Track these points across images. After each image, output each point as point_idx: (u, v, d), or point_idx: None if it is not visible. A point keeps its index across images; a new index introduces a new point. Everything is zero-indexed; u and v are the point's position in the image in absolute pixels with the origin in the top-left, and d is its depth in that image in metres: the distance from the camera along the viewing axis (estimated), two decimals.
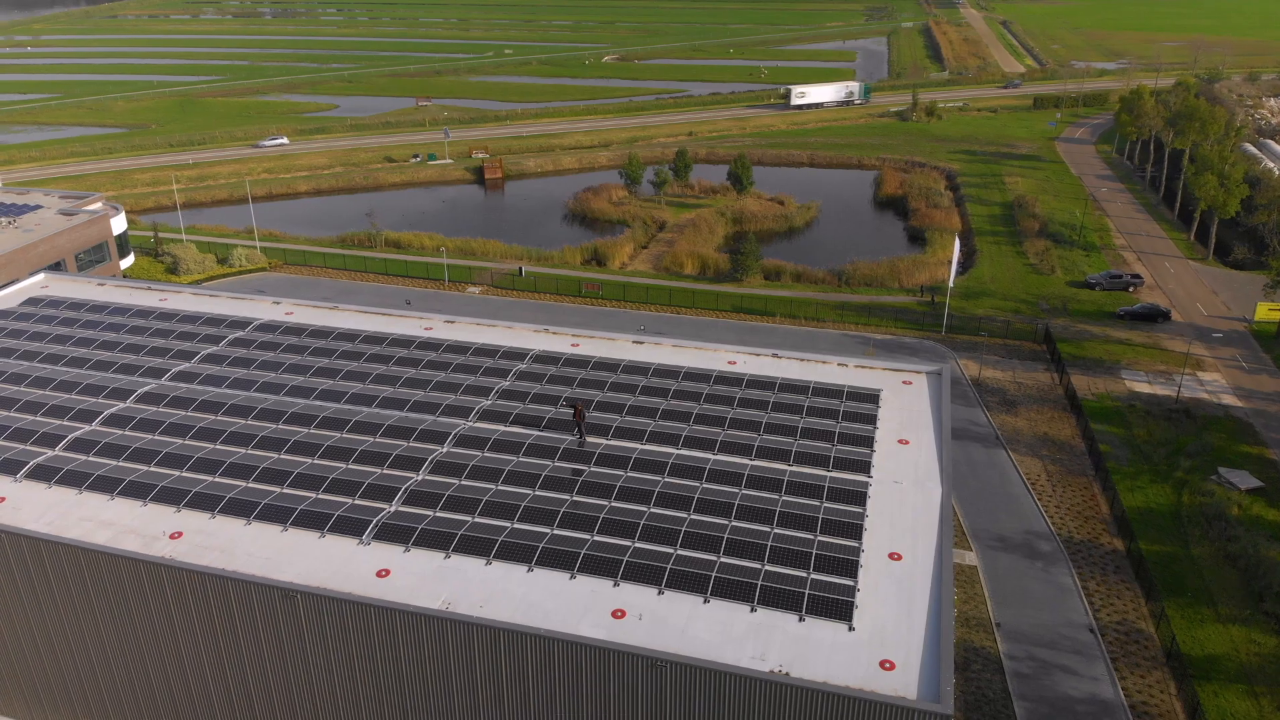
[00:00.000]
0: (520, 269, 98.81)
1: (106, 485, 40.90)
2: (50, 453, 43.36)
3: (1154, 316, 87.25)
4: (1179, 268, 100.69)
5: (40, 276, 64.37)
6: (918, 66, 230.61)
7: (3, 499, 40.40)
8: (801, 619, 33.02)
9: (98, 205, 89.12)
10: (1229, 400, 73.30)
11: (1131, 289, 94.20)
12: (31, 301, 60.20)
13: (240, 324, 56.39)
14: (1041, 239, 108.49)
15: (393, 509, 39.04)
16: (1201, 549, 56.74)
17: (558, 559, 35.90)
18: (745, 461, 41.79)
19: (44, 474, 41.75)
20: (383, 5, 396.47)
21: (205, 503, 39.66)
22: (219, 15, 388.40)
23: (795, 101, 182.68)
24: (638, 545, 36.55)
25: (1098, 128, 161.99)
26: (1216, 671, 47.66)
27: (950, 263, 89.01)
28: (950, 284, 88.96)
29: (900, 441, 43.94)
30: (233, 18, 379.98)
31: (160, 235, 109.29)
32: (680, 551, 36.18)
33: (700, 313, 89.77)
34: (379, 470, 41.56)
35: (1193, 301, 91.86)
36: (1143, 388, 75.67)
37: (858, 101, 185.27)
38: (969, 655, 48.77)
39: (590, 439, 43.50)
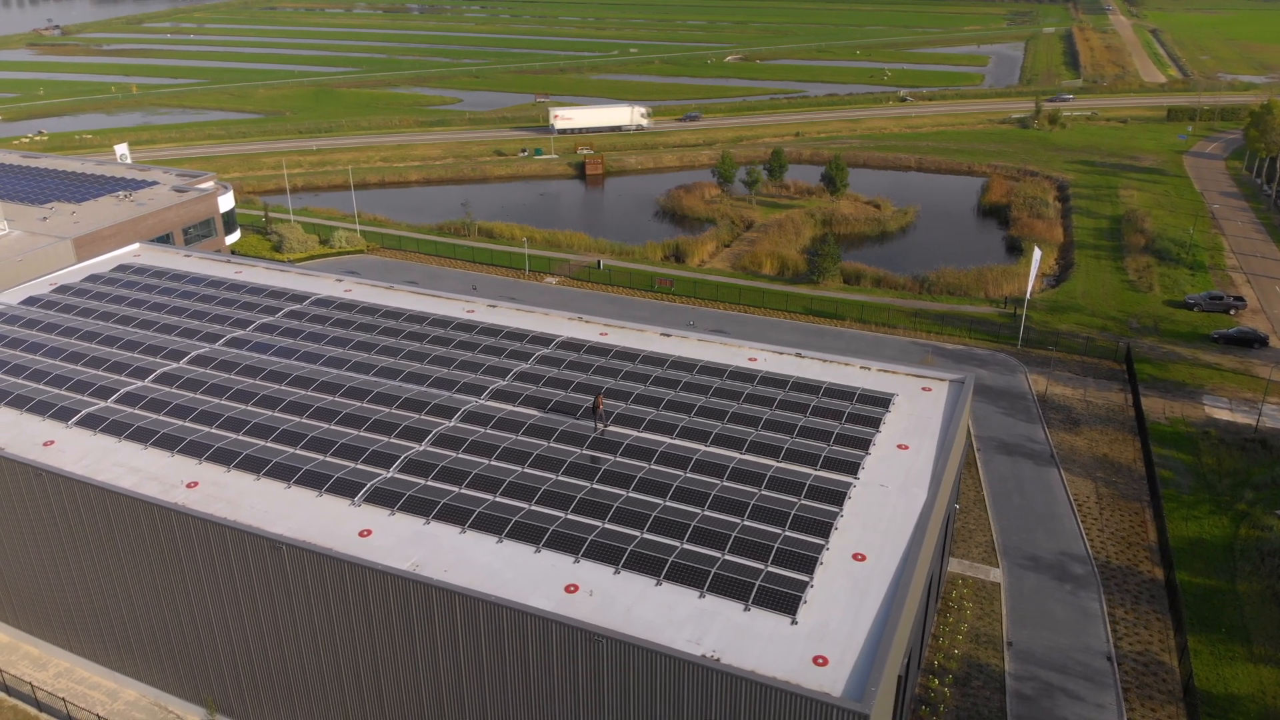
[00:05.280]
0: (599, 262, 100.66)
1: (143, 436, 44.50)
2: (101, 404, 47.40)
3: (1250, 341, 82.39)
4: None
5: (135, 246, 69.75)
6: (1051, 73, 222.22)
7: (52, 442, 44.51)
8: (747, 609, 33.44)
9: (209, 184, 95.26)
10: None
11: (1232, 311, 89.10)
12: (122, 268, 65.39)
13: (299, 298, 59.92)
14: (1145, 255, 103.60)
15: (388, 475, 41.19)
16: (1249, 585, 53.75)
17: (527, 533, 37.29)
18: (734, 455, 42.21)
19: (92, 422, 45.72)
20: (524, 3, 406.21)
21: (224, 457, 42.72)
22: (369, 10, 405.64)
23: None
24: (606, 526, 37.57)
25: (1231, 143, 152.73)
26: (1236, 712, 45.24)
27: (1029, 273, 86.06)
28: (1029, 295, 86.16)
29: (899, 446, 43.53)
30: (382, 12, 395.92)
31: (270, 215, 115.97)
32: (645, 535, 37.03)
33: (768, 313, 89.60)
34: (386, 439, 43.83)
35: None
36: (1223, 415, 71.73)
37: None
38: (971, 671, 47.75)
39: (589, 423, 44.66)
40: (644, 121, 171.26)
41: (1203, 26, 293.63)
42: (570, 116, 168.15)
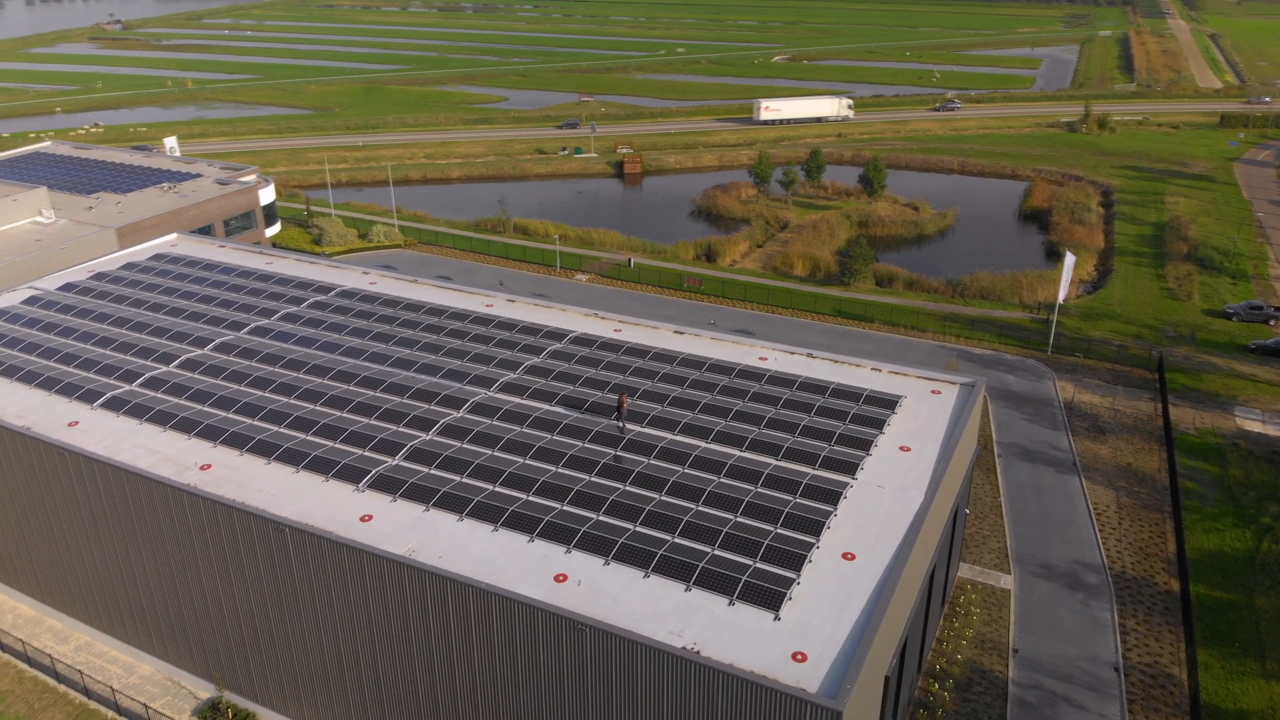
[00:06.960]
0: (629, 260, 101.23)
1: (163, 419, 45.96)
2: (126, 387, 48.99)
3: None
4: None
5: (172, 236, 71.75)
6: (1104, 77, 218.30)
7: (77, 422, 46.15)
8: (731, 603, 33.74)
9: (251, 177, 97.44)
10: None
11: (1272, 322, 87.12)
12: (158, 257, 67.34)
13: (325, 289, 61.26)
14: (1187, 263, 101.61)
15: (393, 462, 42.12)
16: (1267, 600, 52.69)
17: (522, 522, 37.94)
18: (733, 452, 42.49)
19: (115, 404, 47.31)
20: (576, 2, 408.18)
21: (238, 441, 43.98)
22: (424, 8, 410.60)
23: None
24: (600, 518, 38.09)
25: None
26: None
27: (1060, 280, 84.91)
28: (1060, 301, 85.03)
29: (902, 448, 43.46)
30: (437, 11, 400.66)
31: (312, 209, 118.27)
32: (638, 528, 37.48)
33: (796, 314, 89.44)
34: (394, 427, 44.79)
35: None
36: (1254, 427, 70.26)
37: None
38: (974, 677, 47.47)
39: (593, 417, 45.21)
40: (848, 112, 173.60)
41: (1263, 32, 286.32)
42: (778, 107, 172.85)
